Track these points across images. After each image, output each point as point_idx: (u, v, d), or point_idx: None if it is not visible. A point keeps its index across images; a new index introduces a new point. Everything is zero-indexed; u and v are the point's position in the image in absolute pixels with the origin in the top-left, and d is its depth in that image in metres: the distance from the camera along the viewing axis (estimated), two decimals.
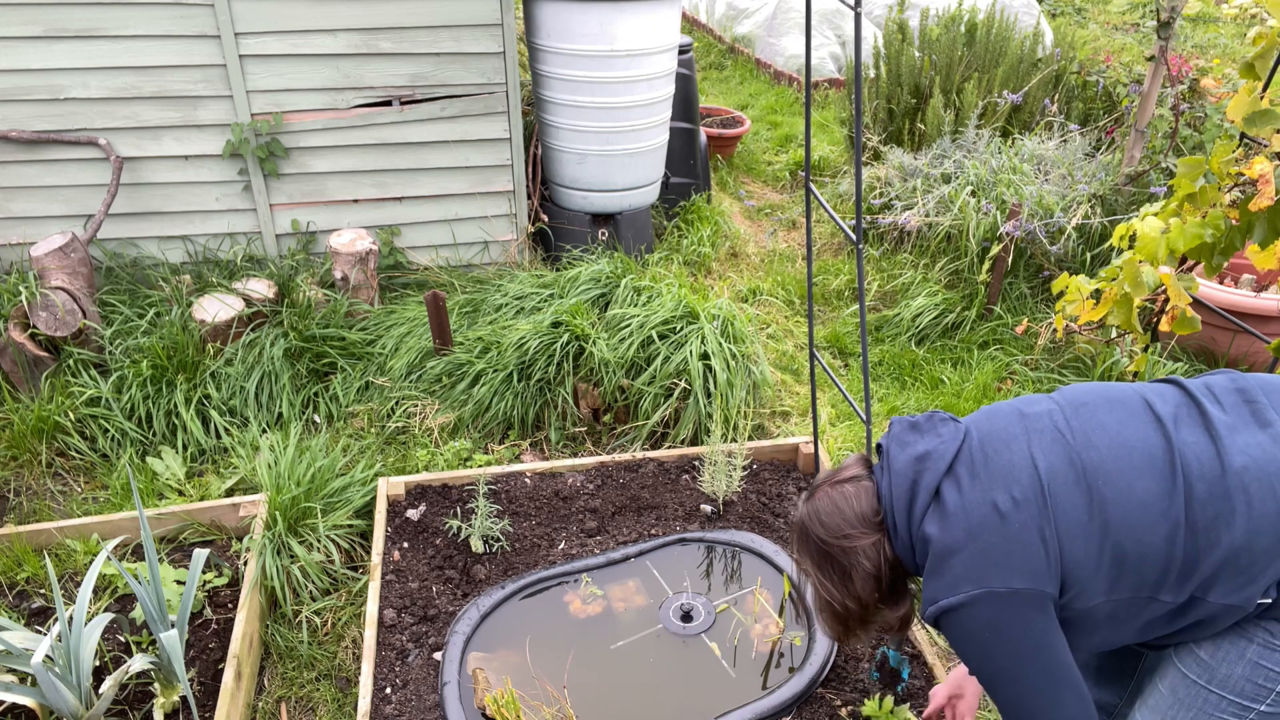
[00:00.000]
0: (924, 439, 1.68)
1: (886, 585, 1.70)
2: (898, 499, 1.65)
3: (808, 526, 1.73)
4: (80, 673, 2.15)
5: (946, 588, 1.55)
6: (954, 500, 1.58)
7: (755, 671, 2.49)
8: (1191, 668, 1.63)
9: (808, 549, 1.73)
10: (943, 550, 1.56)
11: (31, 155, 3.88)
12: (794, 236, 5.37)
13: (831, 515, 1.71)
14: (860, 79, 2.18)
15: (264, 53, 3.87)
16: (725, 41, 9.04)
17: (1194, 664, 1.62)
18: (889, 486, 1.67)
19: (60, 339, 3.55)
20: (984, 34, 5.59)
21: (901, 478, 1.65)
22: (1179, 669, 1.66)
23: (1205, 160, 2.36)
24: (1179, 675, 1.65)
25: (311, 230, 4.27)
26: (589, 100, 4.31)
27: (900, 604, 1.74)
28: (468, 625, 2.56)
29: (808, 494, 1.79)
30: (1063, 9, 9.65)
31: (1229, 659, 1.57)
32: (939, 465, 1.62)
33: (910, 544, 1.65)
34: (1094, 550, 1.50)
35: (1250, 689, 1.56)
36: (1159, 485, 1.49)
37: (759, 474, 3.24)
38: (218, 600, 2.68)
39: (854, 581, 1.69)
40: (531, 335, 3.54)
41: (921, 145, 5.37)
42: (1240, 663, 1.56)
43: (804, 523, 1.74)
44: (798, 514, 1.78)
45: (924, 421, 1.72)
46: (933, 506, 1.60)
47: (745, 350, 3.63)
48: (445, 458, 3.33)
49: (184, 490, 3.19)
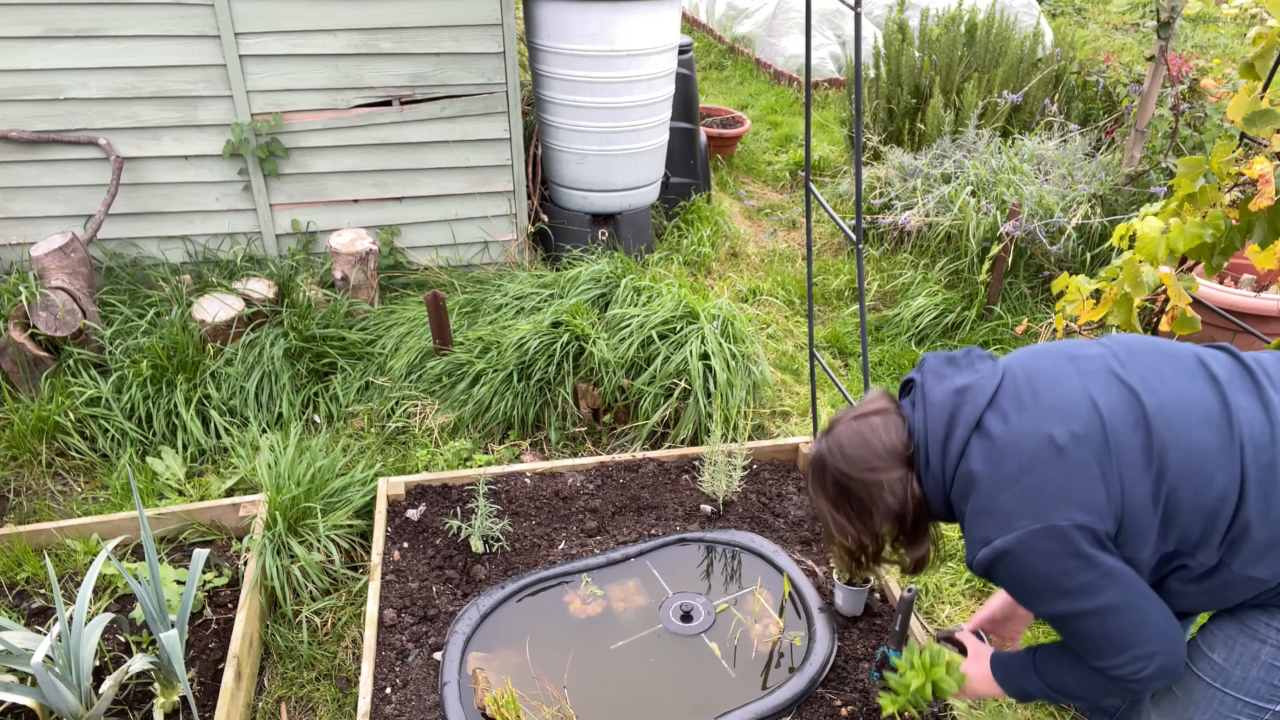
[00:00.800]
0: (962, 373, 1.59)
1: (910, 524, 1.62)
2: (933, 432, 1.56)
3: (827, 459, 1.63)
4: (80, 673, 2.15)
5: (999, 526, 1.46)
6: (1001, 433, 1.49)
7: (755, 671, 2.49)
8: (1206, 671, 1.63)
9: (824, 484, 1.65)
10: (991, 487, 1.48)
11: (31, 155, 3.88)
12: (794, 236, 5.37)
13: (857, 447, 1.61)
14: (860, 79, 2.18)
15: (264, 53, 3.87)
16: (725, 41, 9.04)
17: (1208, 667, 1.62)
18: (924, 419, 1.58)
19: (60, 339, 3.54)
20: (984, 34, 5.59)
21: (938, 410, 1.56)
22: (1193, 672, 1.65)
23: (1205, 160, 2.36)
24: (1193, 678, 1.65)
25: (311, 230, 4.27)
26: (589, 100, 4.31)
27: (919, 545, 1.66)
28: (468, 625, 2.56)
29: (827, 428, 1.69)
30: (1063, 9, 9.65)
31: (1243, 662, 1.57)
32: (979, 399, 1.53)
33: (944, 482, 1.56)
34: (1151, 496, 1.44)
35: (1266, 690, 1.56)
36: (1218, 440, 1.44)
37: (759, 474, 3.24)
38: (218, 600, 2.68)
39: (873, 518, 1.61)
40: (531, 335, 3.54)
41: (921, 145, 5.37)
42: (1255, 665, 1.56)
43: (823, 455, 1.64)
44: (815, 448, 1.69)
45: (961, 357, 1.64)
46: (975, 440, 1.51)
47: (745, 350, 3.63)
48: (445, 458, 3.33)
49: (184, 490, 3.19)
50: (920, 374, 1.65)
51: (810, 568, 2.82)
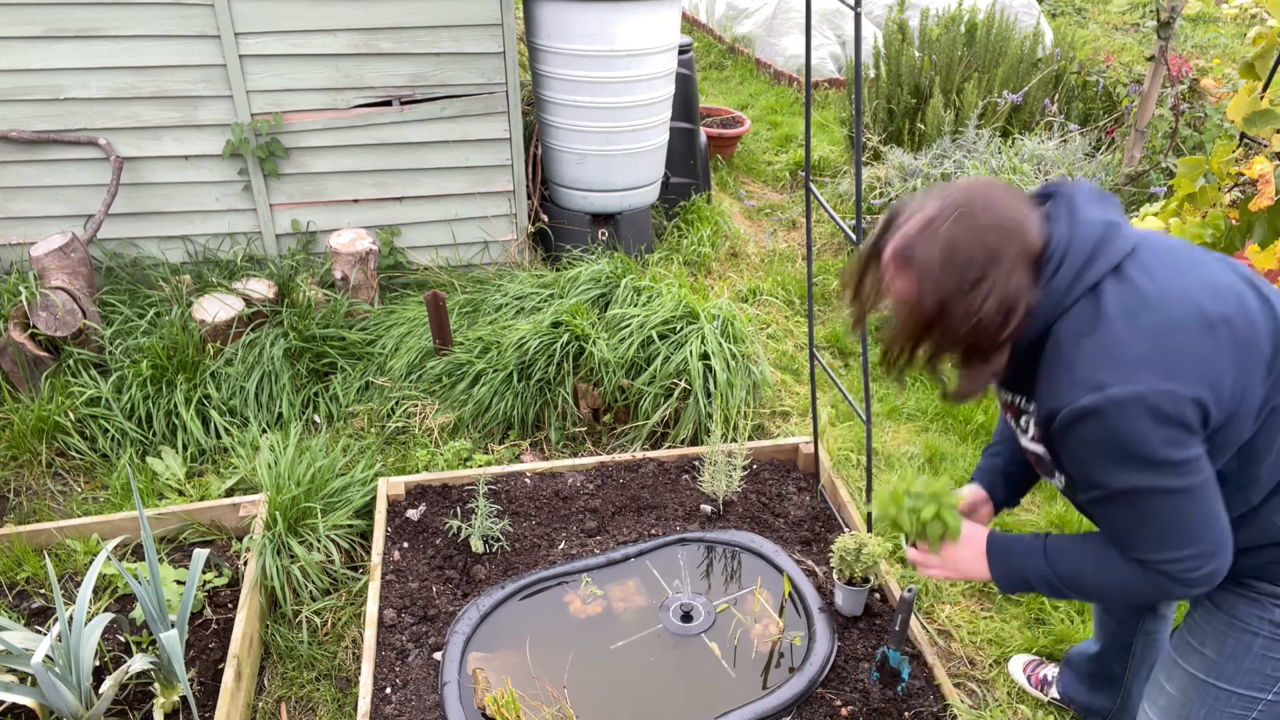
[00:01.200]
0: (1112, 211, 1.47)
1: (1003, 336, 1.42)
2: (1077, 250, 1.41)
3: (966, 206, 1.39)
4: (80, 673, 2.15)
5: (1122, 374, 1.35)
6: (1146, 285, 1.39)
7: (755, 671, 2.49)
8: (1199, 666, 1.64)
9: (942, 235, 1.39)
10: (1124, 333, 1.36)
11: (31, 155, 3.88)
12: (794, 236, 5.37)
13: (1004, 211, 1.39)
14: (860, 79, 2.18)
15: (264, 53, 3.87)
16: (725, 41, 9.04)
17: (1200, 662, 1.64)
18: (1070, 232, 1.43)
19: (60, 339, 3.54)
20: (984, 34, 5.59)
21: (1089, 230, 1.42)
22: (1185, 669, 1.67)
23: (1205, 160, 2.37)
24: (1186, 675, 1.66)
25: (311, 230, 4.27)
26: (589, 100, 4.31)
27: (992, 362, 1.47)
28: (468, 625, 2.56)
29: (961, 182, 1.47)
30: (1063, 9, 9.65)
31: (1235, 655, 1.58)
32: (1127, 242, 1.42)
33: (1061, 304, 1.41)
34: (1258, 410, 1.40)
35: (1259, 680, 1.58)
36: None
37: (759, 474, 3.24)
38: (218, 600, 2.68)
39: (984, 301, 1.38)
40: (531, 335, 3.54)
41: (921, 145, 5.37)
42: (1247, 657, 1.57)
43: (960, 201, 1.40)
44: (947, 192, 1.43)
45: (1109, 196, 1.51)
46: (1110, 280, 1.40)
47: (745, 350, 3.63)
48: (445, 458, 3.33)
49: (184, 490, 3.19)
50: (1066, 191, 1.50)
51: (810, 568, 2.82)
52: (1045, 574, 1.61)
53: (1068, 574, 1.59)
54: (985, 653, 2.70)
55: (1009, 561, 1.69)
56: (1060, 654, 2.67)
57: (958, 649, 2.72)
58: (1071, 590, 1.60)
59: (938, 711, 2.37)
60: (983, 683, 2.62)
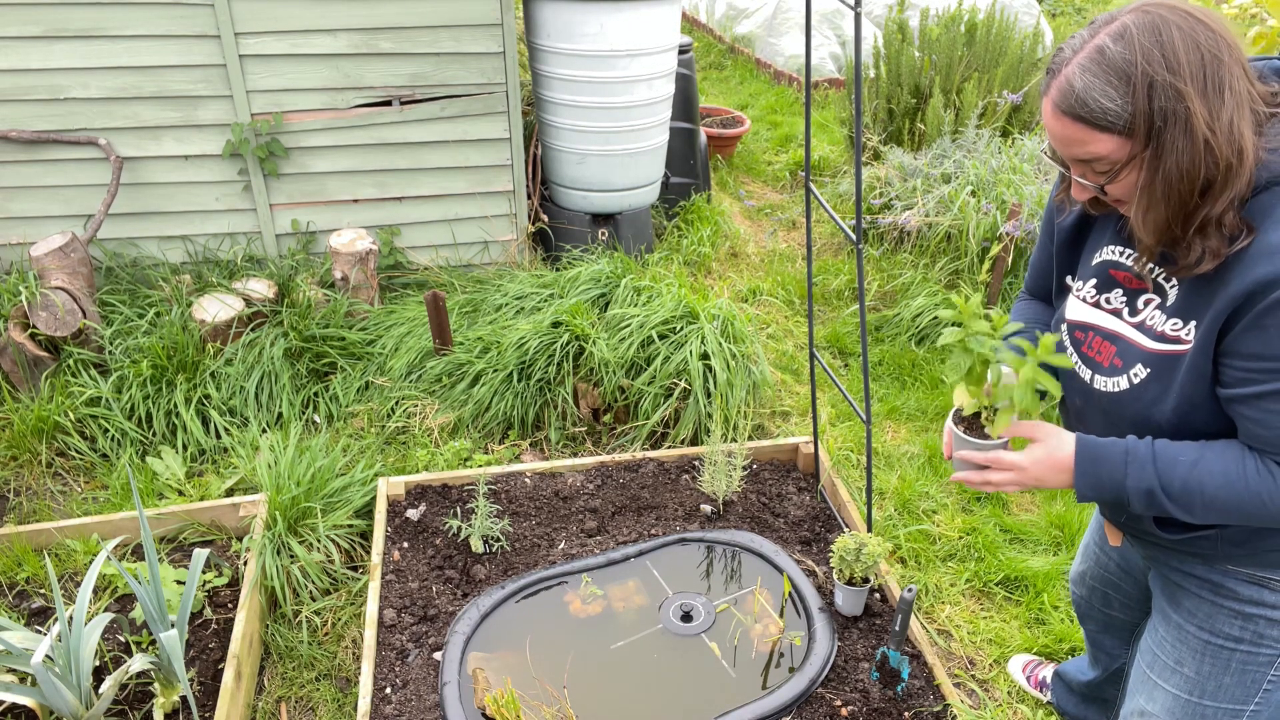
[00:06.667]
0: None
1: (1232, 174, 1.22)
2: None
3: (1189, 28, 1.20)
4: (80, 673, 2.15)
5: None
6: None
7: (755, 671, 2.49)
8: (1180, 686, 1.65)
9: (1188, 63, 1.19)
10: None
11: (31, 155, 3.88)
12: (794, 236, 5.37)
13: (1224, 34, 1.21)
14: (860, 79, 2.18)
15: (264, 53, 3.87)
16: (725, 41, 9.04)
17: (1181, 681, 1.64)
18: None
19: (60, 339, 3.54)
20: (984, 34, 5.59)
21: None
22: (1168, 690, 1.67)
23: None
24: (1170, 696, 1.67)
25: (311, 230, 4.27)
26: (589, 100, 4.31)
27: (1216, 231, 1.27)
28: (468, 625, 2.56)
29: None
30: (1063, 9, 9.65)
31: (1215, 672, 1.59)
32: None
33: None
34: None
35: (1240, 693, 1.59)
36: None
37: (759, 474, 3.24)
38: (218, 600, 2.68)
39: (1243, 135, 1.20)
40: (531, 335, 3.54)
41: (921, 145, 5.37)
42: (1227, 673, 1.58)
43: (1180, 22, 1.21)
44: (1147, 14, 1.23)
45: None
46: None
47: (745, 350, 3.63)
48: (445, 458, 3.33)
49: (184, 490, 3.19)
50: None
51: (810, 568, 2.82)
52: (1151, 487, 1.39)
53: (1183, 486, 1.37)
54: (985, 653, 2.70)
55: (1102, 470, 1.43)
56: (1060, 654, 2.67)
57: (958, 649, 2.72)
58: (1180, 506, 1.39)
59: (938, 711, 2.37)
60: (983, 683, 2.62)
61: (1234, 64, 1.20)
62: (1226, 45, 1.20)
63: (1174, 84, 1.19)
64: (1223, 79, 1.19)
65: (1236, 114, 1.20)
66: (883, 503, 3.25)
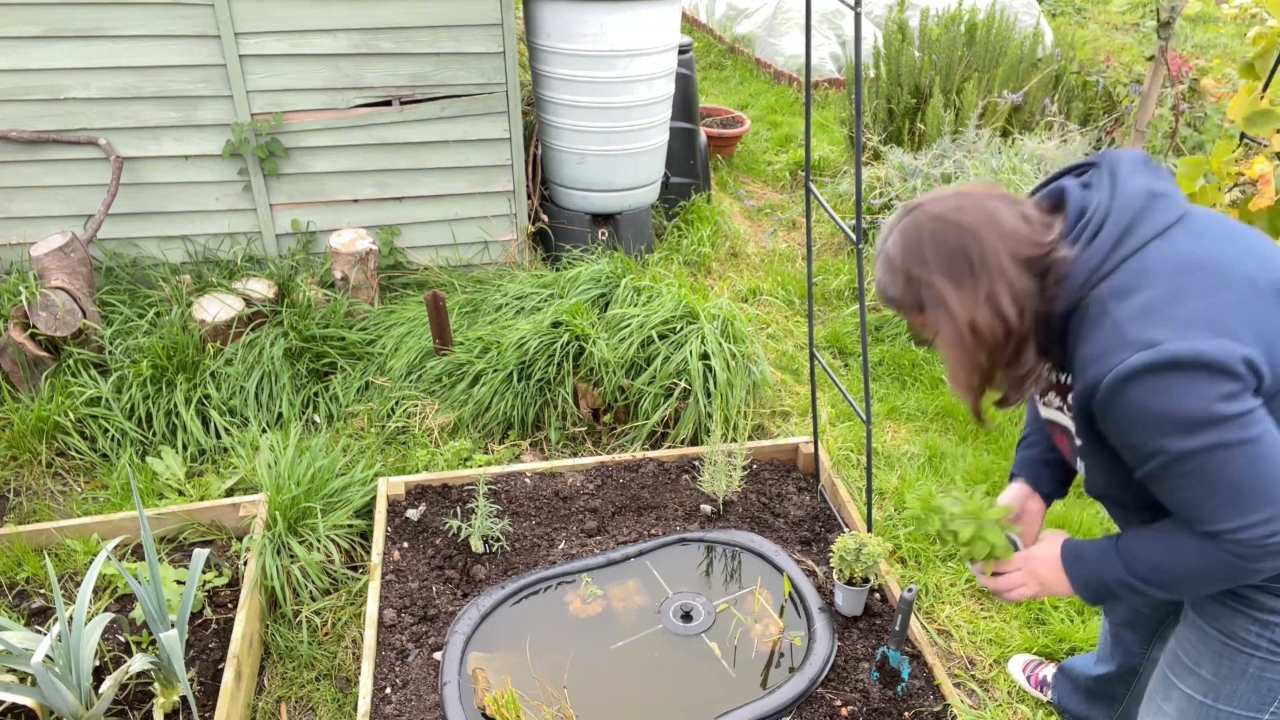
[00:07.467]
0: (1159, 180, 1.44)
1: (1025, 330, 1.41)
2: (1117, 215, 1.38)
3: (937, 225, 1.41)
4: (80, 673, 2.15)
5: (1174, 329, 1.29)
6: (1195, 248, 1.36)
7: (755, 671, 2.49)
8: (1196, 688, 1.64)
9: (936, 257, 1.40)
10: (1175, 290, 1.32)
11: (31, 155, 3.88)
12: (794, 236, 5.37)
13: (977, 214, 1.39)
14: (860, 79, 2.18)
15: (264, 53, 3.87)
16: (725, 41, 9.04)
17: (1197, 683, 1.63)
18: (1109, 200, 1.41)
19: (60, 339, 3.54)
20: (984, 34, 5.59)
21: (1131, 199, 1.40)
22: (1183, 691, 1.66)
23: (1205, 160, 2.37)
24: (1184, 697, 1.66)
25: (311, 230, 4.27)
26: (589, 100, 4.31)
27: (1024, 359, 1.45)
28: (468, 625, 2.56)
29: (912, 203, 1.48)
30: (1063, 9, 9.65)
31: (1232, 676, 1.58)
32: (1174, 210, 1.39)
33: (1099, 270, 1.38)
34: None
35: (1255, 700, 1.57)
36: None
37: (759, 474, 3.24)
38: (218, 600, 2.68)
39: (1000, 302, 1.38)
40: (531, 335, 3.54)
41: (921, 145, 5.37)
42: (1244, 678, 1.57)
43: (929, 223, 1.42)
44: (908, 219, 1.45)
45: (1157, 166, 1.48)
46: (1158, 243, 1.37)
47: (745, 350, 3.63)
48: (445, 458, 3.33)
49: (184, 490, 3.19)
50: (1109, 161, 1.48)
51: (810, 568, 2.82)
52: (1123, 578, 1.51)
53: (1145, 570, 1.48)
54: (985, 653, 2.70)
55: (1084, 569, 1.58)
56: (1060, 654, 2.67)
57: (958, 649, 2.72)
58: (1155, 588, 1.49)
59: (938, 711, 2.37)
60: (983, 683, 2.62)
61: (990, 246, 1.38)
62: (974, 235, 1.38)
63: (927, 276, 1.41)
64: (973, 265, 1.38)
65: (994, 288, 1.38)
66: (883, 503, 3.25)
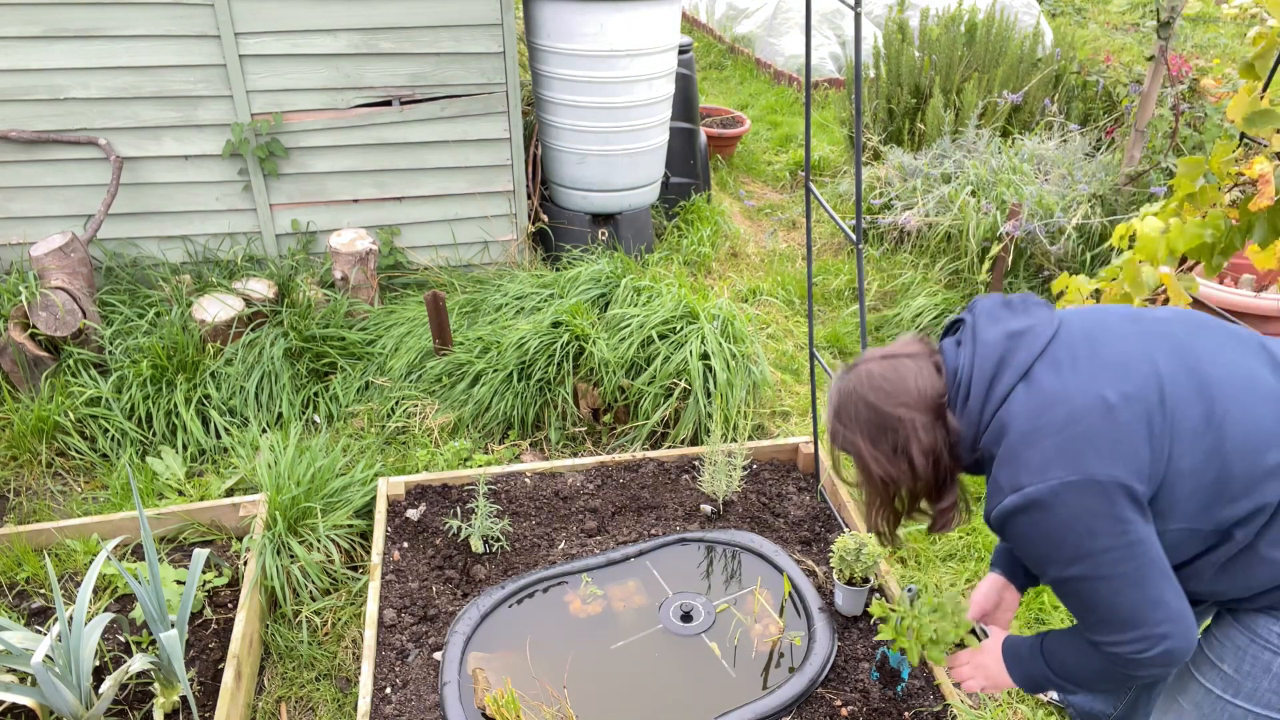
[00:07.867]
0: (1017, 318, 1.55)
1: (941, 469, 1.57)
2: (979, 372, 1.52)
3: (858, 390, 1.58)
4: (80, 673, 2.15)
5: (1034, 472, 1.41)
6: (1051, 383, 1.46)
7: (755, 671, 2.49)
8: (1216, 682, 1.62)
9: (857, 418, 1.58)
10: (1032, 433, 1.44)
11: (31, 155, 3.88)
12: (794, 236, 5.37)
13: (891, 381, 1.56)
14: (860, 79, 2.18)
15: (264, 53, 3.86)
16: (725, 41, 9.04)
17: (1218, 678, 1.62)
18: (971, 357, 1.54)
19: (60, 339, 3.54)
20: (984, 34, 5.59)
21: (989, 350, 1.52)
22: (1202, 684, 1.65)
23: (1205, 160, 2.36)
24: (1202, 690, 1.65)
25: (311, 230, 4.27)
26: (589, 100, 4.31)
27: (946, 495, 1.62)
28: (468, 625, 2.56)
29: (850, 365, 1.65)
30: (1063, 9, 9.64)
31: (1254, 673, 1.57)
32: (1034, 345, 1.49)
33: (979, 424, 1.52)
34: (1201, 466, 1.42)
35: (1275, 700, 1.56)
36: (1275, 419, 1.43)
37: (759, 474, 3.24)
38: (218, 600, 2.68)
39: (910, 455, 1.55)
40: (531, 335, 3.54)
41: (921, 145, 5.37)
42: (1266, 676, 1.56)
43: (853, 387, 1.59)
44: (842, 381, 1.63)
45: (1018, 301, 1.59)
46: (1021, 387, 1.48)
47: (745, 350, 3.63)
48: (445, 458, 3.33)
49: (184, 490, 3.19)
50: (972, 314, 1.61)
51: (810, 568, 2.82)
52: (1046, 673, 1.68)
53: (1060, 670, 1.65)
54: None
55: (1020, 667, 1.75)
56: None
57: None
58: (1071, 684, 1.64)
59: (938, 712, 2.37)
60: None
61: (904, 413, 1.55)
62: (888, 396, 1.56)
63: (850, 435, 1.60)
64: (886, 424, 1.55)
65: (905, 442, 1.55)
66: None
